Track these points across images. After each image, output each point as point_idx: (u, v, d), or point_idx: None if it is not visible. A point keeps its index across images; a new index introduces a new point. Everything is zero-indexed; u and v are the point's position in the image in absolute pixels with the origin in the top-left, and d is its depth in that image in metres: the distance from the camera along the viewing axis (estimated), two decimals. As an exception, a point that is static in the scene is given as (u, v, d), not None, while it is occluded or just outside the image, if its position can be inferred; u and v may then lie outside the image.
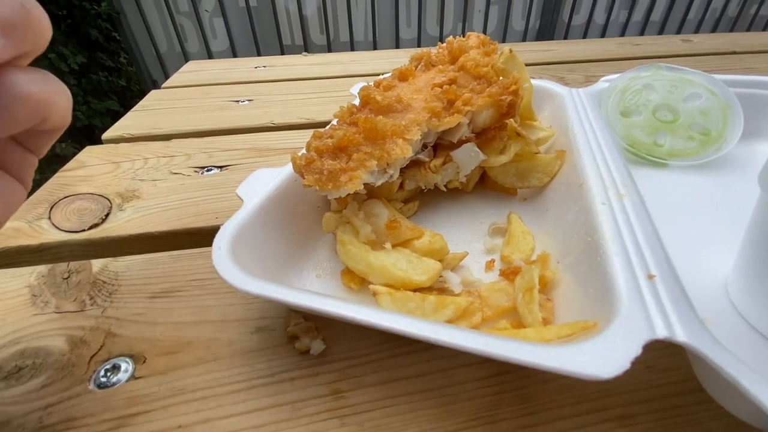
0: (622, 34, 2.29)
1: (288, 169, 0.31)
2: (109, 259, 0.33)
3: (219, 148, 0.51)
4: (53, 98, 0.16)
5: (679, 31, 2.24)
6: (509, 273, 0.27)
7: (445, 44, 0.46)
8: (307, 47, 1.96)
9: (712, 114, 0.44)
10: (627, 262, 0.22)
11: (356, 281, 0.27)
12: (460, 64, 0.39)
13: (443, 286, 0.27)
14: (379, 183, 0.28)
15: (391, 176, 0.29)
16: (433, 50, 0.44)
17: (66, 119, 0.17)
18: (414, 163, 0.34)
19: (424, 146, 0.34)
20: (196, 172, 0.46)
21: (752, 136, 0.43)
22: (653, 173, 0.42)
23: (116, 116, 1.91)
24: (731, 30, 2.27)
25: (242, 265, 0.23)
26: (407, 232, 0.28)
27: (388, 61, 0.86)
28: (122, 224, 0.38)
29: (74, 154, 0.51)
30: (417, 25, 2.06)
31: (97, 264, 0.33)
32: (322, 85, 0.73)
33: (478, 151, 0.34)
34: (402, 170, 0.34)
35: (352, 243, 0.26)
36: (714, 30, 2.26)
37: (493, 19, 2.18)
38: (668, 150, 0.43)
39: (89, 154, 0.51)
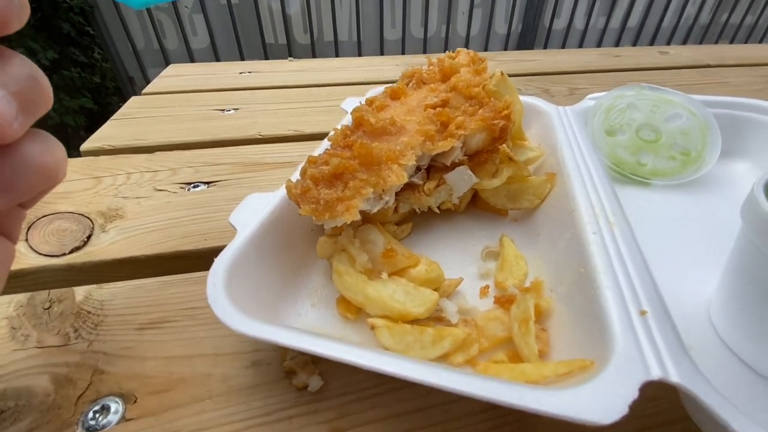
0: (600, 40, 2.35)
1: (281, 194, 0.31)
2: (93, 286, 0.32)
3: (205, 162, 0.50)
4: (62, 164, 0.16)
5: (654, 37, 2.32)
6: (504, 301, 0.27)
7: (436, 62, 0.46)
8: (290, 46, 1.93)
9: (692, 134, 0.46)
10: (620, 296, 0.22)
11: (352, 311, 0.27)
12: (452, 84, 0.39)
13: (440, 315, 0.27)
14: (375, 210, 0.28)
15: (387, 202, 0.29)
16: (424, 67, 0.45)
17: (64, 176, 0.17)
18: (408, 186, 0.34)
19: (418, 168, 0.34)
20: (182, 188, 0.45)
21: (728, 156, 0.45)
22: (636, 192, 0.43)
23: (90, 114, 1.84)
24: (703, 36, 2.36)
25: (237, 301, 0.23)
26: (403, 260, 0.28)
27: (375, 68, 0.86)
28: (106, 247, 0.36)
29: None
30: (402, 26, 2.07)
31: (80, 292, 0.32)
32: (309, 94, 0.72)
33: (471, 174, 0.34)
34: (396, 193, 0.34)
35: (348, 273, 0.26)
36: (687, 36, 2.35)
37: (476, 22, 2.21)
38: (651, 170, 0.45)
39: (68, 167, 0.49)
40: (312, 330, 0.26)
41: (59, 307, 0.30)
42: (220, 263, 0.24)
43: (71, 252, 0.36)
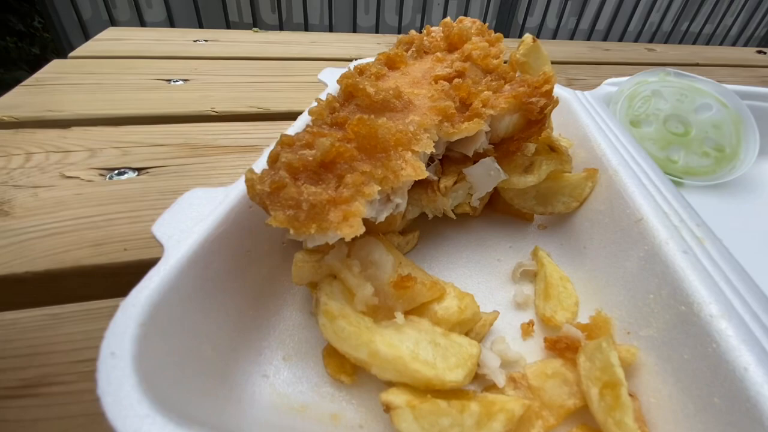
0: (571, 39, 2.38)
1: (237, 190, 0.21)
2: (-66, 323, 0.21)
3: (138, 142, 0.38)
4: None
5: (620, 40, 2.37)
6: (563, 348, 0.19)
7: (438, 28, 0.37)
8: (256, 26, 1.78)
9: (725, 128, 0.40)
10: (763, 355, 0.15)
11: (348, 371, 0.18)
12: (466, 53, 0.30)
13: (478, 373, 0.18)
14: (383, 217, 0.19)
15: (398, 206, 0.20)
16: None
17: None
18: (417, 184, 0.25)
19: (431, 159, 0.25)
20: (101, 175, 0.33)
21: (765, 154, 0.40)
22: (670, 194, 0.37)
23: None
24: (666, 42, 2.45)
25: (160, 384, 0.13)
26: (424, 292, 0.19)
27: (353, 45, 0.76)
28: (-30, 260, 0.25)
29: None
30: (375, 12, 1.97)
31: None
32: (277, 67, 0.61)
33: (499, 168, 0.26)
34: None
35: (344, 315, 0.17)
36: (651, 41, 2.43)
37: (452, 13, 2.16)
38: (683, 167, 0.39)
39: (-64, 143, 0.36)
40: (285, 403, 0.16)
41: None
42: (130, 309, 0.14)
43: None
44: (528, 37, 0.30)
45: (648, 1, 2.27)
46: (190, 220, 0.18)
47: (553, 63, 0.84)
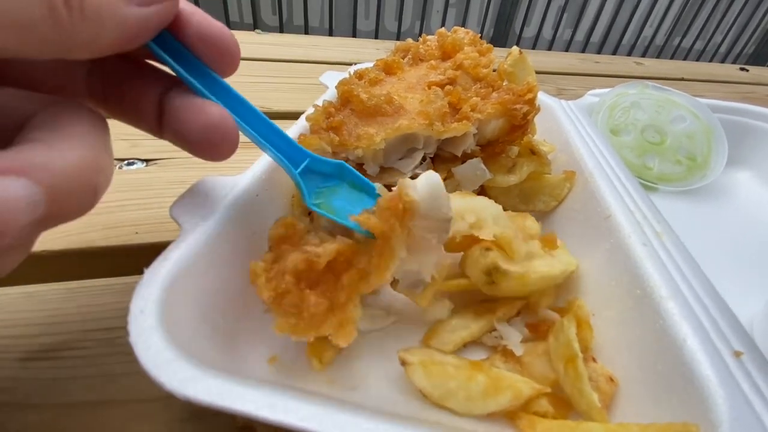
0: (566, 51, 2.44)
1: (245, 181, 0.23)
2: (-41, 293, 0.23)
3: (146, 135, 0.40)
4: None
5: (614, 53, 2.43)
6: (545, 330, 0.22)
7: (433, 38, 0.40)
8: (256, 27, 1.80)
9: (697, 138, 0.43)
10: (701, 330, 0.17)
11: (324, 357, 0.19)
12: (458, 62, 0.33)
13: (497, 343, 0.21)
14: (378, 328, 0.22)
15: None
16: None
17: None
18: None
19: (423, 158, 0.28)
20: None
21: (733, 164, 0.43)
22: (645, 198, 0.40)
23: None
24: (658, 56, 2.52)
25: (179, 340, 0.15)
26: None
27: (353, 49, 0.79)
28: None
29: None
30: (375, 17, 2.00)
31: (-63, 302, 0.22)
32: (278, 68, 0.63)
33: (485, 169, 0.28)
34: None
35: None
36: (644, 55, 2.49)
37: (450, 21, 2.19)
38: (658, 174, 0.41)
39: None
40: (298, 378, 0.19)
41: None
42: (155, 276, 0.16)
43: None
44: (515, 49, 0.32)
45: (641, 16, 2.33)
46: (204, 204, 0.20)
47: (544, 73, 0.87)
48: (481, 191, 0.32)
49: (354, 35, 1.98)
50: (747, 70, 1.02)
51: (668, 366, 0.17)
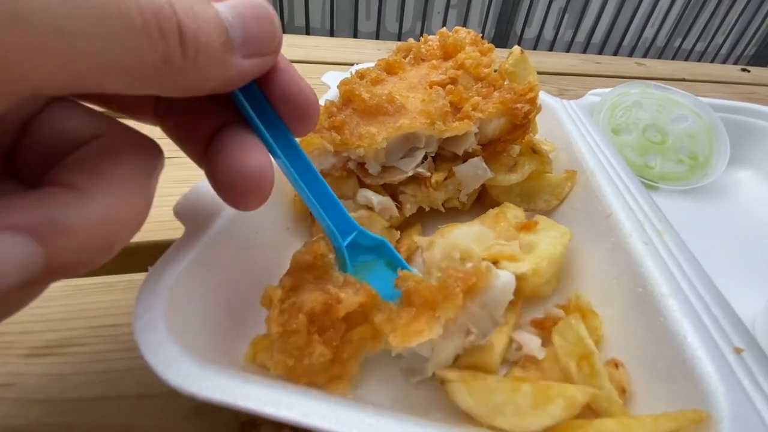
0: (567, 52, 2.44)
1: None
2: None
3: (152, 136, 0.40)
4: None
5: (616, 54, 2.43)
6: (550, 326, 0.21)
7: (434, 38, 0.40)
8: (257, 27, 1.81)
9: (699, 138, 0.43)
10: (702, 327, 0.17)
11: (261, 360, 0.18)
12: (459, 62, 0.33)
13: (518, 358, 0.20)
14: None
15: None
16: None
17: None
18: (413, 179, 0.27)
19: (424, 157, 0.28)
20: (115, 165, 0.35)
21: (734, 163, 0.43)
22: (647, 198, 0.40)
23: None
24: (659, 57, 2.51)
25: (185, 334, 0.15)
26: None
27: (354, 50, 0.79)
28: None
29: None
30: (377, 18, 2.01)
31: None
32: (280, 69, 0.63)
33: (486, 167, 0.29)
34: (401, 188, 0.28)
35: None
36: (645, 56, 2.49)
37: (451, 22, 2.19)
38: (659, 173, 0.42)
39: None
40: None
41: None
42: (159, 275, 0.16)
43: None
44: (516, 49, 0.33)
45: (642, 17, 2.33)
46: (206, 203, 0.21)
47: (546, 74, 0.87)
48: (483, 190, 0.32)
49: (355, 36, 1.99)
50: (748, 71, 1.02)
51: (669, 363, 0.17)
